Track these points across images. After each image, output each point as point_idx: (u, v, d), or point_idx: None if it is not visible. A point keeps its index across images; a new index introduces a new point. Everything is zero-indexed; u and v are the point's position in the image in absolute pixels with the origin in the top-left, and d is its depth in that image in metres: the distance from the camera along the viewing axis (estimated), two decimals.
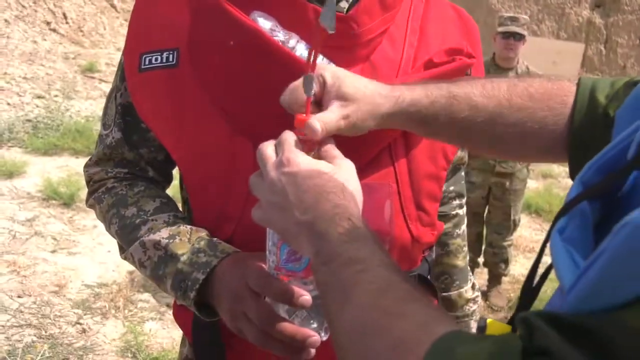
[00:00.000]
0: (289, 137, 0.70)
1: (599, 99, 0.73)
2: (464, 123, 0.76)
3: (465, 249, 1.21)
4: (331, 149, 0.72)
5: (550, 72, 3.69)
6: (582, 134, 0.73)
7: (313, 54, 0.71)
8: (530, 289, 0.60)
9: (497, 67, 3.64)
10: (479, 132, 0.77)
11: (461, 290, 1.20)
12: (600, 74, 12.15)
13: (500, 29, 3.57)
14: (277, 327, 0.74)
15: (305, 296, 0.72)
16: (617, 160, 0.52)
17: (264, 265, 0.77)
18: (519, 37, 3.56)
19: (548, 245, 0.50)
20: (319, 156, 0.72)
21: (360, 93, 0.75)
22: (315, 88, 0.74)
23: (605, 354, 0.35)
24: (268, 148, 0.70)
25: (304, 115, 0.73)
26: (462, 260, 1.19)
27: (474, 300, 1.22)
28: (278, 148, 0.69)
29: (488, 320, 0.62)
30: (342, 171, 0.68)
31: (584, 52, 11.98)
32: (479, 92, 0.77)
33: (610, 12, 12.04)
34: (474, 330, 1.21)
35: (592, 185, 0.51)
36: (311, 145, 0.72)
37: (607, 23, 12.04)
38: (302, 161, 0.67)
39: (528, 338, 0.40)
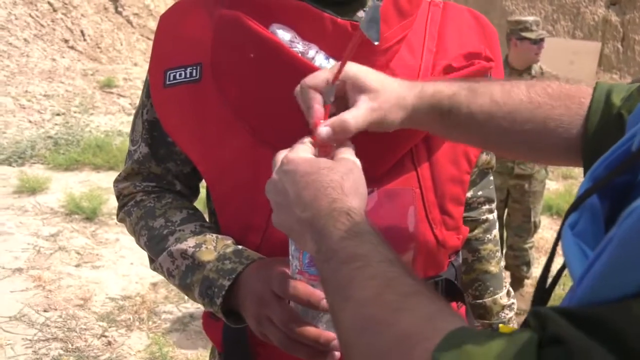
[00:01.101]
0: (301, 142, 0.71)
1: (614, 101, 0.73)
2: (484, 117, 0.77)
3: (499, 254, 1.19)
4: (342, 151, 0.72)
5: (567, 72, 3.67)
6: (596, 134, 0.73)
7: (341, 62, 0.73)
8: (543, 290, 0.60)
9: (512, 69, 3.61)
10: (497, 128, 0.77)
11: (495, 296, 1.18)
12: (618, 72, 12.02)
13: (530, 35, 3.51)
14: (301, 330, 0.75)
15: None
16: (627, 156, 0.51)
17: (287, 270, 0.78)
18: (544, 40, 3.56)
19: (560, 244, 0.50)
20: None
21: (385, 84, 0.76)
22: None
23: (618, 343, 0.35)
24: (281, 154, 0.72)
25: (323, 121, 0.73)
26: (495, 266, 1.18)
27: (509, 307, 1.20)
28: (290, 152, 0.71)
29: (500, 326, 0.61)
30: (341, 166, 0.68)
31: (600, 51, 11.88)
32: (498, 89, 0.78)
33: (627, 10, 11.93)
34: None
35: (600, 179, 0.51)
36: (328, 150, 0.73)
37: (624, 21, 11.92)
38: (301, 159, 0.67)
39: (541, 329, 0.40)
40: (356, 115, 0.73)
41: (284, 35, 0.84)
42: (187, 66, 0.90)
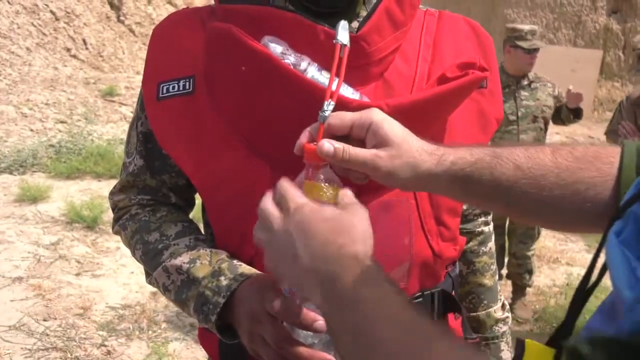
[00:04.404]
0: (287, 186, 0.68)
1: None
2: (508, 183, 0.73)
3: (494, 267, 1.18)
4: (346, 196, 0.69)
5: (569, 80, 3.66)
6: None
7: (335, 81, 0.72)
8: (582, 294, 0.58)
9: (509, 75, 3.61)
10: (523, 194, 0.73)
11: (490, 310, 1.17)
12: (620, 80, 12.02)
13: (523, 44, 3.52)
14: (293, 350, 0.75)
15: (321, 321, 0.72)
16: None
17: (281, 288, 0.78)
18: (538, 50, 3.55)
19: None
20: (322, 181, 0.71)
21: (400, 139, 0.73)
22: (327, 116, 0.73)
23: None
24: (268, 203, 0.69)
25: (315, 144, 0.71)
26: (489, 279, 1.17)
27: (504, 320, 1.18)
28: (281, 200, 0.67)
29: (527, 342, 0.59)
30: (347, 213, 0.66)
31: (602, 59, 11.88)
32: (522, 155, 0.74)
33: (628, 18, 11.94)
34: (504, 352, 1.18)
35: None
36: (314, 171, 0.71)
37: (625, 29, 11.93)
38: (308, 209, 0.65)
39: None
40: (358, 152, 0.71)
41: (275, 47, 0.84)
42: (180, 79, 0.90)
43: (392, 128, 0.73)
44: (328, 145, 0.70)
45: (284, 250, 0.65)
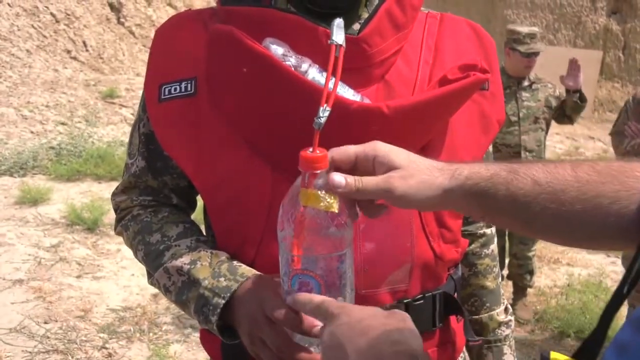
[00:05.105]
0: (324, 302, 0.67)
1: None
2: (526, 199, 0.70)
3: (496, 269, 1.17)
4: (395, 312, 0.68)
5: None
6: None
7: (331, 82, 0.71)
8: (620, 296, 0.55)
9: (509, 77, 3.61)
10: (542, 210, 0.70)
11: (492, 313, 1.16)
12: (620, 81, 12.03)
13: (520, 48, 3.52)
14: (293, 353, 0.75)
15: (319, 326, 0.72)
16: None
17: (280, 291, 0.77)
18: (537, 54, 3.55)
19: None
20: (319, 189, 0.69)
21: (410, 162, 0.72)
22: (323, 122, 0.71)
23: None
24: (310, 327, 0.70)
25: (310, 150, 0.70)
26: (492, 282, 1.16)
27: (506, 324, 1.17)
28: (323, 317, 0.67)
29: (552, 355, 0.57)
30: (394, 317, 0.65)
31: (602, 60, 11.88)
32: (540, 170, 0.71)
33: (628, 19, 11.94)
34: (507, 356, 1.16)
35: None
36: (310, 179, 0.69)
37: (625, 29, 11.93)
38: (353, 316, 0.64)
39: None
40: (370, 178, 0.70)
41: (276, 49, 0.84)
42: (182, 80, 0.91)
43: (398, 154, 0.72)
44: (339, 177, 0.69)
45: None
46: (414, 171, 0.71)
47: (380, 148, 0.72)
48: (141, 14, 12.13)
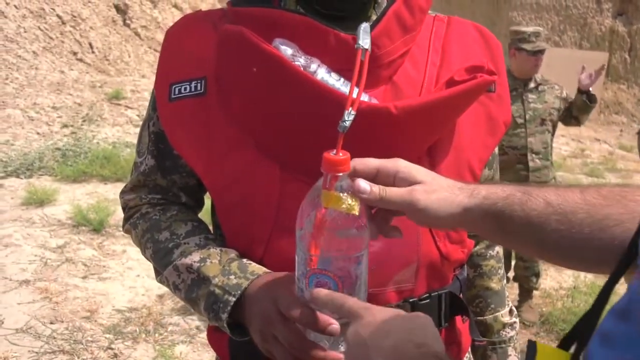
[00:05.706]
0: (348, 301, 0.69)
1: None
2: (539, 220, 0.73)
3: (501, 271, 1.17)
4: (416, 314, 0.69)
5: (575, 83, 3.65)
6: None
7: (356, 85, 0.71)
8: (605, 295, 0.57)
9: (515, 78, 3.61)
10: (554, 231, 0.72)
11: (497, 314, 1.16)
12: (626, 82, 11.99)
13: (526, 46, 3.52)
14: (307, 350, 0.75)
15: (334, 325, 0.72)
16: None
17: (293, 288, 0.78)
18: (543, 52, 3.54)
19: None
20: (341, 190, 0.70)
21: (432, 178, 0.74)
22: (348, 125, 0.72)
23: None
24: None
25: (333, 153, 0.70)
26: (497, 283, 1.16)
27: (511, 325, 1.18)
28: (347, 316, 0.68)
29: (538, 345, 0.58)
30: (417, 320, 0.66)
31: (608, 61, 11.85)
32: (552, 192, 0.74)
33: (634, 20, 11.91)
34: (512, 357, 1.17)
35: None
36: (332, 181, 0.70)
37: (631, 31, 11.90)
38: (376, 318, 0.65)
39: None
40: (394, 189, 0.72)
41: (286, 50, 0.85)
42: (192, 80, 0.91)
43: (419, 171, 0.74)
44: (364, 184, 0.70)
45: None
46: (437, 187, 0.73)
47: (402, 164, 0.74)
48: (147, 15, 12.18)
